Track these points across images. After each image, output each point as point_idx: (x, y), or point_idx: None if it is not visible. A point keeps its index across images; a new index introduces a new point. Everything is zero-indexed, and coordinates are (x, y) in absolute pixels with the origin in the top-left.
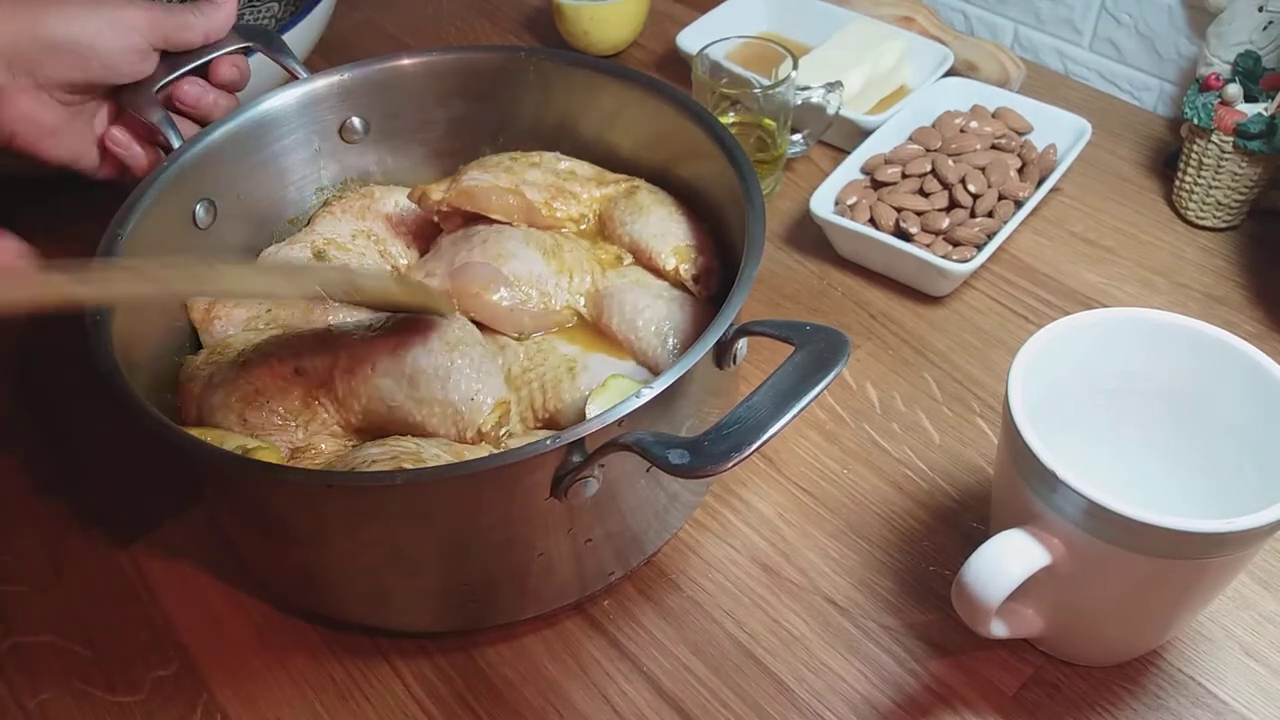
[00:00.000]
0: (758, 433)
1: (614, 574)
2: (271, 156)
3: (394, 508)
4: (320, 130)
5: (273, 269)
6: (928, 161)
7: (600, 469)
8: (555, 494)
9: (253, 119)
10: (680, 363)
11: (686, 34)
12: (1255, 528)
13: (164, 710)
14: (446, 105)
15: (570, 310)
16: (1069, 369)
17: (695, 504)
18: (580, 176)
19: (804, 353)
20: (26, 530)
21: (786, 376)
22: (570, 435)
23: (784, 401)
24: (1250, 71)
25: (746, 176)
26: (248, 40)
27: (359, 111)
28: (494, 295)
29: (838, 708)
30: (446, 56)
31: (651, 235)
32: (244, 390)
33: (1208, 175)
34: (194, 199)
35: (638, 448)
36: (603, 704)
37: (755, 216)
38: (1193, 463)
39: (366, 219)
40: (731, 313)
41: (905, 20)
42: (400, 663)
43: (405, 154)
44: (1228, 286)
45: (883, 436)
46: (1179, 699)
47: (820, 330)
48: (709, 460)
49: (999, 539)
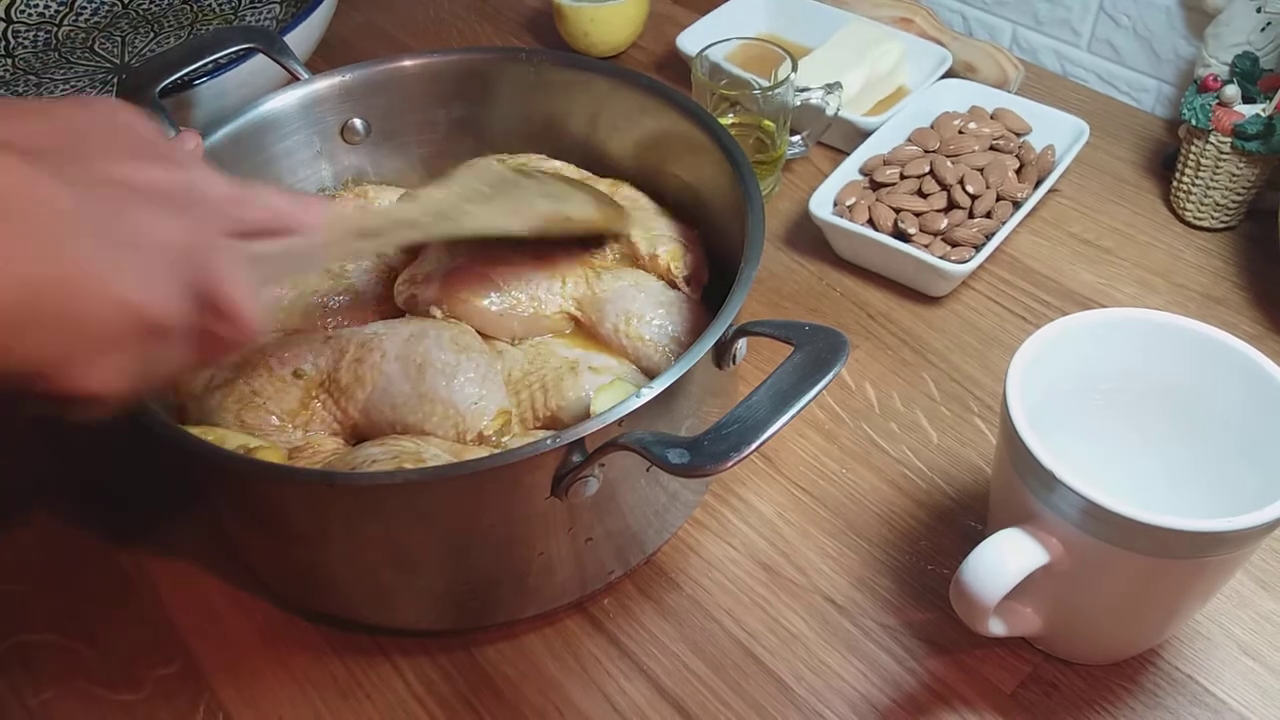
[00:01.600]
0: (757, 432)
1: (614, 573)
2: (273, 157)
3: (395, 507)
4: (321, 131)
5: (508, 209)
6: (926, 162)
7: (601, 468)
8: (555, 493)
9: (254, 120)
10: (679, 363)
11: (686, 35)
12: (1252, 527)
13: (166, 709)
14: (448, 107)
15: (563, 315)
16: (1067, 369)
17: (695, 503)
18: (566, 176)
19: (803, 353)
20: (27, 529)
21: (786, 377)
22: (570, 435)
23: (783, 401)
24: (1248, 72)
25: (746, 178)
26: (249, 42)
27: (360, 113)
28: (484, 300)
29: (836, 706)
30: (447, 58)
31: (639, 232)
32: (241, 392)
33: (1205, 176)
34: None
35: (638, 447)
36: (603, 702)
37: (755, 218)
38: (1190, 462)
39: None
40: (731, 313)
41: (904, 21)
42: (401, 661)
43: (406, 155)
44: (1226, 287)
45: (881, 436)
46: (1177, 697)
47: (819, 330)
48: (708, 460)
49: (997, 538)
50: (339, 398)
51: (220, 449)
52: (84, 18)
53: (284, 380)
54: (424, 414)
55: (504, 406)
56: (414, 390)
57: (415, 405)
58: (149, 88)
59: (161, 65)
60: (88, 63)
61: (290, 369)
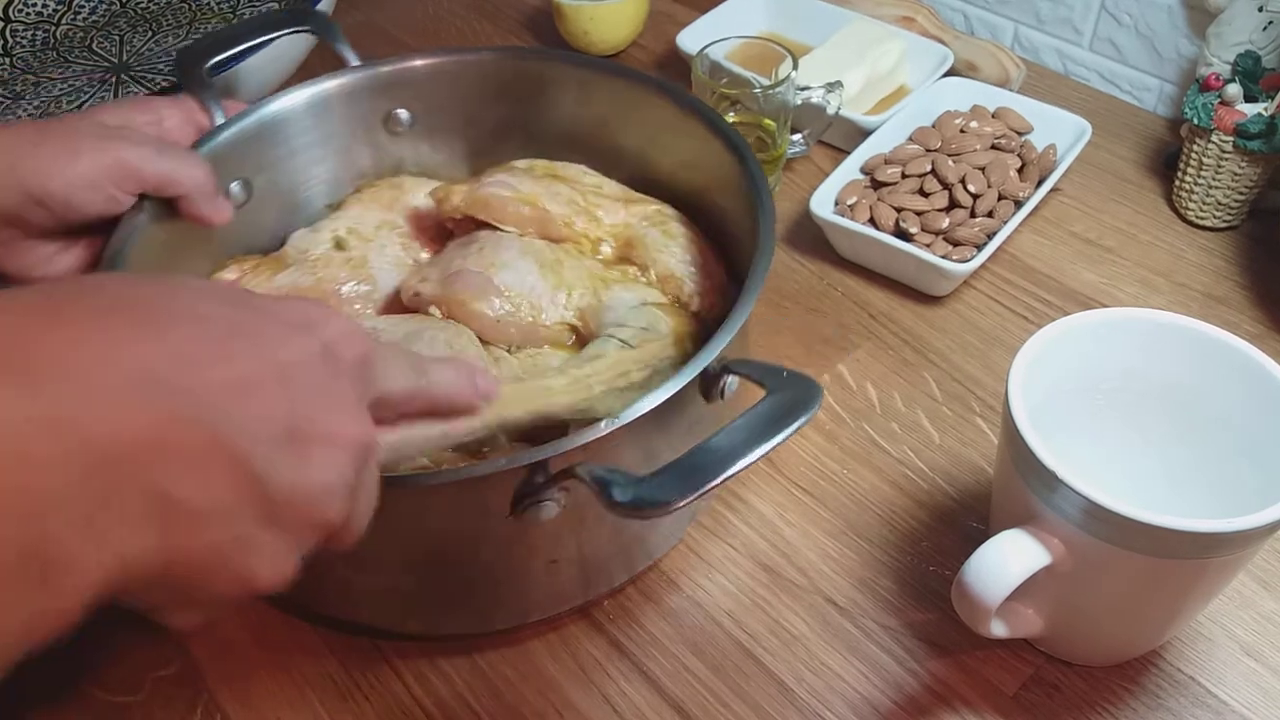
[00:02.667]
0: (706, 477)
1: (620, 580)
2: (314, 141)
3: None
4: (364, 119)
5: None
6: (928, 161)
7: (563, 493)
8: (514, 513)
9: (299, 103)
10: (651, 396)
11: (686, 34)
12: (1254, 528)
13: (164, 710)
14: (492, 105)
15: (564, 326)
16: (1069, 369)
17: (704, 508)
18: (606, 194)
19: (772, 400)
20: None
21: (749, 422)
22: (527, 458)
23: (739, 449)
24: (1250, 71)
25: (762, 216)
26: (303, 25)
27: (405, 104)
28: (482, 305)
29: (837, 707)
30: (493, 56)
31: (686, 269)
32: None
33: (1208, 175)
34: (231, 177)
35: (588, 478)
36: (603, 704)
37: (762, 262)
38: (1192, 462)
39: (393, 210)
40: (713, 351)
41: (905, 20)
42: (400, 663)
43: (447, 149)
44: (1228, 286)
45: (883, 436)
46: (1179, 699)
47: (796, 379)
48: (649, 504)
49: (999, 539)
50: None
51: None
52: (82, 17)
53: None
54: None
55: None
56: None
57: None
58: (201, 64)
59: (214, 43)
60: (86, 62)
61: None
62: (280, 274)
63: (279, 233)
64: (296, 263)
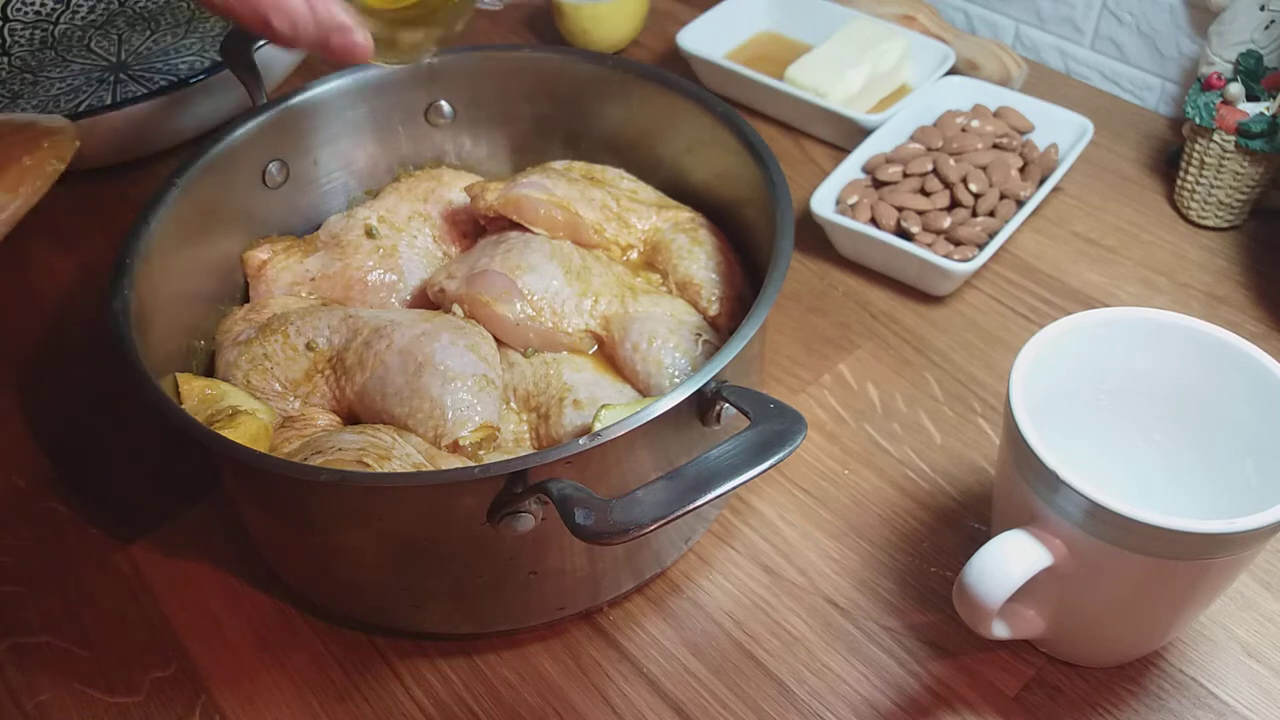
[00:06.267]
0: (669, 508)
1: (627, 587)
2: (355, 128)
3: (327, 504)
4: (406, 109)
5: None
6: (929, 161)
7: (540, 505)
8: (490, 522)
9: (341, 89)
10: (635, 415)
11: (687, 32)
12: (1257, 528)
13: (162, 711)
14: (533, 103)
15: (586, 334)
16: (1071, 369)
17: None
18: (642, 199)
19: (754, 431)
20: (24, 530)
21: (727, 452)
22: (498, 469)
23: (709, 481)
24: (1252, 71)
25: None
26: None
27: (447, 96)
28: (503, 308)
29: (838, 709)
30: (536, 55)
31: (707, 276)
32: (254, 353)
33: (1209, 175)
34: (269, 158)
35: (555, 496)
36: (603, 705)
37: (768, 294)
38: (1194, 463)
39: (428, 203)
40: (710, 373)
41: (906, 19)
42: (399, 664)
43: (487, 144)
44: (1230, 286)
45: (884, 437)
46: (1180, 700)
47: (782, 411)
48: (608, 531)
49: (1000, 540)
50: (340, 377)
51: (185, 414)
52: (80, 16)
53: (296, 350)
54: (410, 408)
55: (490, 421)
56: (407, 384)
57: (405, 398)
58: (248, 46)
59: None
60: (84, 61)
61: (304, 340)
62: (310, 257)
63: (314, 217)
64: (326, 246)
